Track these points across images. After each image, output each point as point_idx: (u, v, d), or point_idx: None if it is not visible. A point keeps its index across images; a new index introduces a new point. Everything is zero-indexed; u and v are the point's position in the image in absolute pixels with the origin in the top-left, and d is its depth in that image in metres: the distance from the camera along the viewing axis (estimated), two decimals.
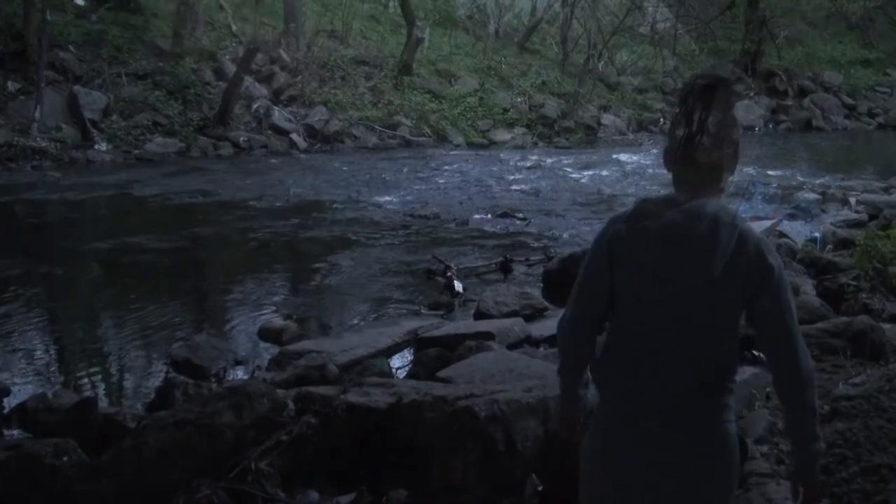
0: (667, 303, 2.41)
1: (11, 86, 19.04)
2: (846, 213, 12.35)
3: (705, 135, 2.40)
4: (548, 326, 7.12)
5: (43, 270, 9.70)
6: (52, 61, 19.63)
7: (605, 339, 2.59)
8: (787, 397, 2.44)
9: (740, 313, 2.42)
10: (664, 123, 26.74)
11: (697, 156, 2.42)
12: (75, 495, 4.27)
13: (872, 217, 11.67)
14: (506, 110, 24.89)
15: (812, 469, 2.44)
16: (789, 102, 29.81)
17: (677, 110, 2.48)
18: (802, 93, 30.46)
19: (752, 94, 29.83)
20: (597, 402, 2.60)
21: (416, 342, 6.90)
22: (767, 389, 5.09)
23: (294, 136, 21.05)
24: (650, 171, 17.87)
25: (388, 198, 14.40)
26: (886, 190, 14.25)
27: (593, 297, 2.57)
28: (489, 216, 12.75)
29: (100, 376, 6.63)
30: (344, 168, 18.11)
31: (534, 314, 7.58)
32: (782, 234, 10.25)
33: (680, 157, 2.47)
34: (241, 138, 20.28)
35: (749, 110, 28.68)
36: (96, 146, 18.39)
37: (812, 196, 14.07)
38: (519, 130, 24.13)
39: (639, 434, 2.43)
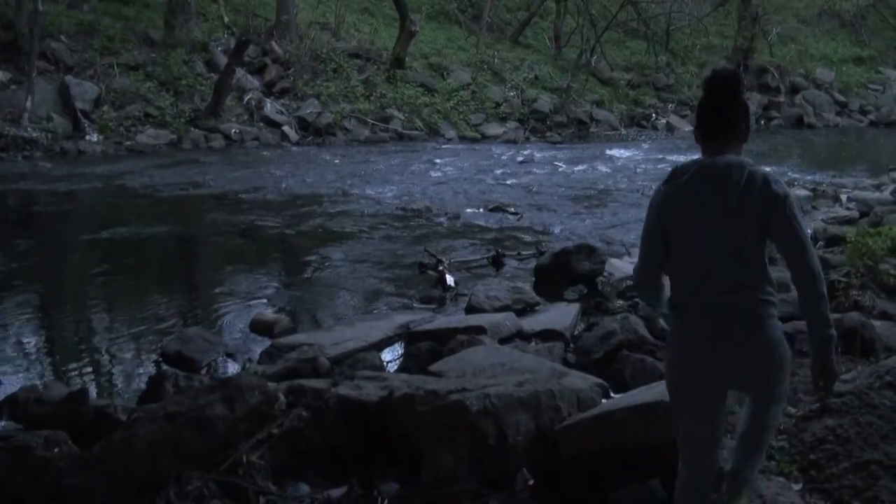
0: (704, 235, 3.07)
1: (2, 76, 19.02)
2: (837, 210, 12.38)
3: (724, 117, 3.17)
4: (539, 321, 7.13)
5: (33, 262, 9.67)
6: (44, 51, 19.59)
7: (671, 284, 3.26)
8: (802, 289, 3.08)
9: (760, 234, 3.04)
10: (656, 119, 26.79)
11: (718, 132, 3.16)
12: (66, 487, 4.26)
13: (863, 214, 11.69)
14: (498, 104, 24.89)
15: (827, 351, 3.05)
16: (781, 99, 29.85)
17: (703, 97, 3.24)
18: (794, 90, 30.50)
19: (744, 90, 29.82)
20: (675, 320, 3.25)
21: (408, 336, 6.89)
22: None
23: (286, 128, 21.02)
24: (642, 166, 17.89)
25: (379, 191, 14.38)
26: (877, 187, 14.28)
27: (653, 248, 3.22)
28: (481, 210, 12.75)
29: (91, 368, 6.61)
30: (336, 161, 18.08)
31: (525, 308, 7.57)
32: None
33: (706, 133, 3.18)
34: (233, 130, 20.24)
35: None
36: (87, 137, 18.35)
37: (803, 193, 14.09)
38: (511, 125, 24.12)
39: (707, 338, 3.10)
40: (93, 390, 5.99)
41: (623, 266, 8.80)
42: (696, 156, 3.18)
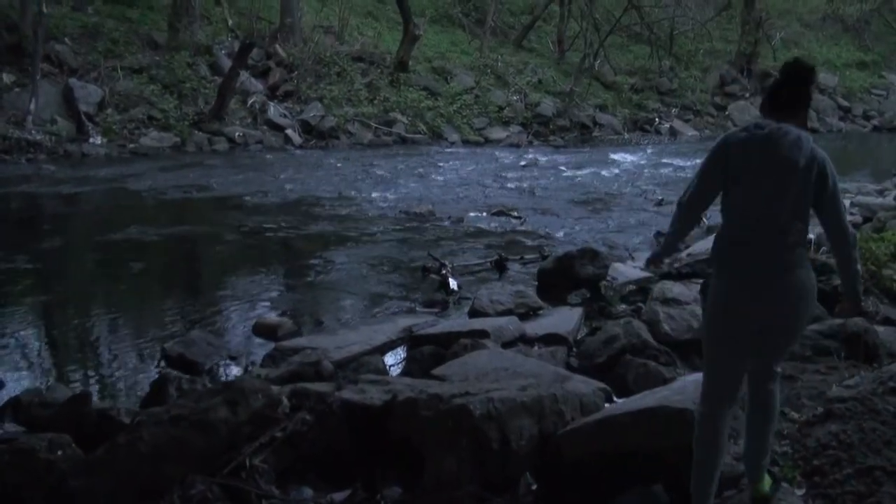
0: (769, 185, 3.45)
1: (7, 78, 19.02)
2: None
3: (797, 97, 3.59)
4: (542, 325, 7.13)
5: (37, 264, 9.68)
6: (48, 54, 19.61)
7: (721, 222, 3.64)
8: (837, 249, 3.61)
9: (808, 200, 3.48)
10: (660, 123, 26.78)
11: (788, 109, 3.57)
12: (70, 490, 4.26)
13: (867, 219, 11.67)
14: (501, 108, 24.89)
15: (856, 292, 3.65)
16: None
17: (779, 78, 3.65)
18: None
19: (747, 94, 29.86)
20: (716, 269, 3.63)
21: (411, 340, 6.89)
22: None
23: (289, 131, 21.04)
24: (645, 170, 17.89)
25: (383, 195, 14.39)
26: (881, 192, 14.26)
27: (708, 185, 3.64)
28: (484, 214, 12.75)
29: (94, 371, 6.62)
30: (339, 164, 18.09)
31: (528, 313, 7.57)
32: None
33: (778, 107, 3.58)
34: (237, 133, 20.27)
35: (744, 111, 28.69)
36: (91, 140, 18.38)
37: None
38: (515, 128, 24.14)
39: (750, 280, 3.48)
40: (96, 393, 5.99)
41: (626, 270, 8.80)
42: (698, 159, 3.30)
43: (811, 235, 10.45)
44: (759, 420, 3.69)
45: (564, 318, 7.32)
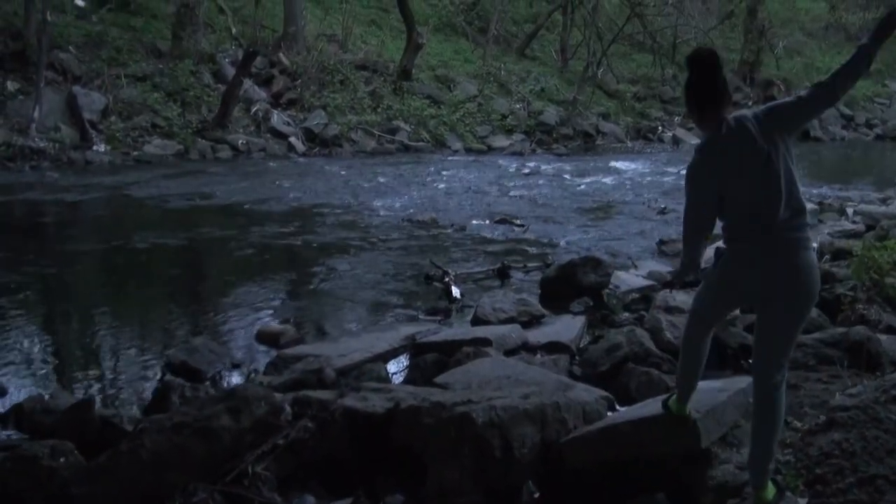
0: (751, 181, 3.60)
1: (11, 86, 19.06)
2: (843, 224, 12.36)
3: (717, 87, 3.68)
4: (545, 333, 7.13)
5: (40, 271, 9.70)
6: (52, 62, 19.65)
7: (723, 226, 3.78)
8: (834, 81, 3.85)
9: (790, 155, 3.66)
10: (662, 132, 26.81)
11: (715, 101, 3.67)
12: (72, 497, 4.27)
13: (869, 228, 11.67)
14: (504, 116, 24.91)
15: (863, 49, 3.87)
16: None
17: (694, 75, 3.72)
18: None
19: (750, 103, 29.87)
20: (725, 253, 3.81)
21: (414, 347, 6.88)
22: None
23: (293, 139, 21.07)
24: (648, 179, 17.89)
25: (386, 203, 14.40)
26: (884, 201, 14.27)
27: (708, 204, 3.73)
28: (487, 222, 12.76)
29: (97, 378, 6.62)
30: (342, 172, 18.11)
31: (531, 321, 7.57)
32: None
33: (697, 104, 3.71)
34: (240, 141, 20.30)
35: None
36: (95, 147, 18.41)
37: (809, 206, 14.01)
38: (517, 137, 24.15)
39: (756, 261, 3.67)
40: (99, 400, 5.99)
41: (629, 279, 8.80)
42: None
43: (814, 244, 10.47)
44: (764, 424, 3.77)
45: (567, 327, 7.32)
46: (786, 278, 3.62)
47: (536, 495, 4.43)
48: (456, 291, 8.59)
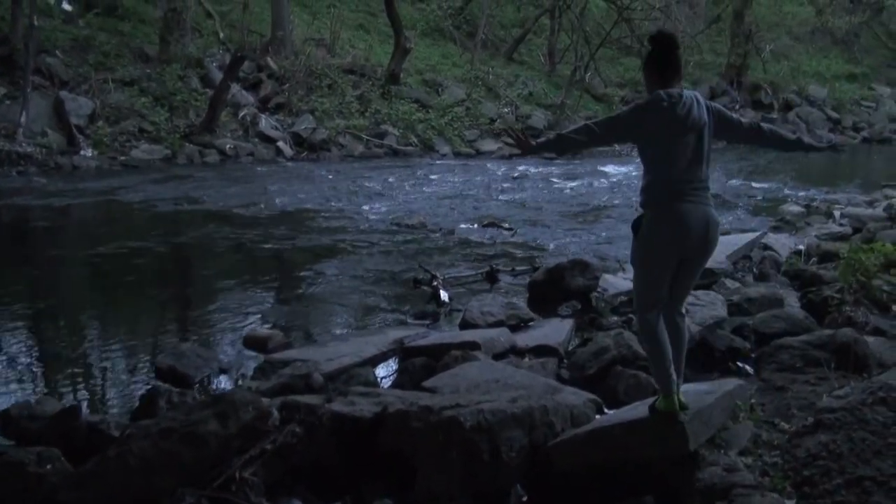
0: (686, 145, 4.17)
1: None
2: (830, 227, 12.41)
3: (677, 62, 4.30)
4: (533, 336, 7.12)
5: (27, 277, 9.66)
6: (39, 66, 19.59)
7: (653, 183, 4.24)
8: (763, 134, 4.55)
9: (712, 140, 4.26)
10: None
11: (675, 73, 4.27)
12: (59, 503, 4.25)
13: (856, 230, 11.72)
14: (493, 120, 24.95)
15: (804, 142, 4.82)
16: (774, 115, 29.99)
17: (659, 50, 4.30)
18: (788, 106, 30.66)
19: (737, 106, 29.98)
20: (654, 211, 4.23)
21: (402, 351, 6.87)
22: (752, 401, 5.12)
23: (281, 143, 21.05)
24: (636, 182, 17.86)
25: (374, 206, 14.40)
26: (870, 203, 14.32)
27: (623, 131, 4.35)
28: (475, 226, 12.76)
29: (83, 384, 6.59)
30: (330, 176, 18.10)
31: (519, 324, 7.56)
32: (767, 247, 10.30)
33: (668, 75, 4.26)
34: (228, 146, 20.26)
35: None
36: (82, 152, 18.36)
37: (796, 209, 14.14)
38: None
39: (681, 220, 4.14)
40: (86, 406, 5.97)
41: (617, 281, 8.81)
42: None
43: (801, 246, 10.52)
44: (675, 343, 4.35)
45: (555, 330, 7.31)
46: (705, 229, 4.18)
47: (524, 499, 4.43)
48: (444, 295, 8.58)
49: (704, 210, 4.18)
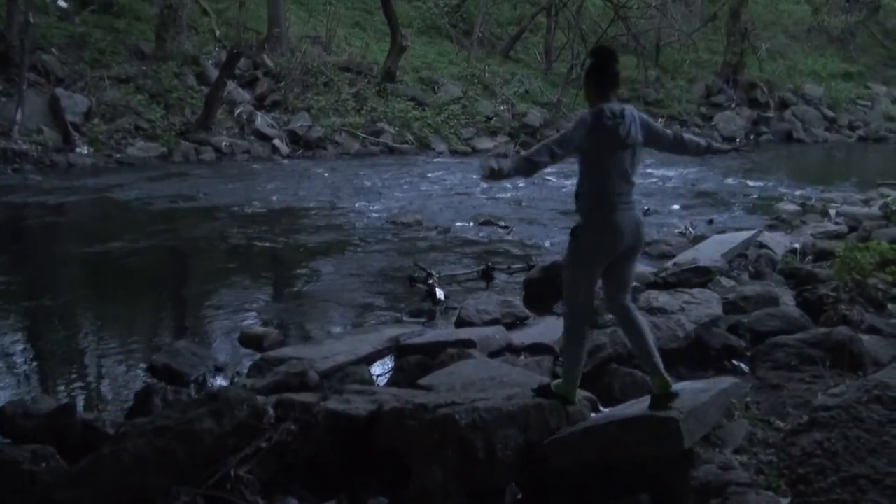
0: (619, 157, 4.51)
1: None
2: (826, 225, 12.42)
3: (616, 76, 4.62)
4: (529, 335, 7.12)
5: (22, 274, 9.64)
6: (35, 63, 19.54)
7: (590, 193, 4.57)
8: (685, 144, 4.95)
9: (642, 152, 4.63)
10: None
11: (613, 87, 4.60)
12: (54, 502, 4.24)
13: (852, 229, 11.73)
14: (489, 118, 24.94)
15: (713, 147, 5.17)
16: (770, 114, 30.03)
17: (599, 64, 4.61)
18: (783, 105, 30.68)
19: (733, 105, 30.01)
20: (591, 217, 4.59)
21: (398, 350, 6.86)
22: (747, 399, 5.13)
23: (277, 141, 21.03)
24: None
25: (370, 205, 14.39)
26: (866, 202, 14.34)
27: (569, 149, 4.50)
28: (471, 224, 12.75)
29: (78, 382, 6.58)
30: (326, 174, 18.09)
31: (515, 322, 7.56)
32: (762, 245, 10.30)
33: (606, 88, 4.57)
34: (224, 143, 20.24)
35: (730, 121, 28.86)
36: (77, 149, 18.32)
37: (792, 207, 14.16)
38: (502, 139, 24.17)
39: (614, 226, 4.50)
40: (81, 404, 5.97)
41: None
42: (685, 169, 3.37)
43: (797, 245, 10.53)
44: (635, 336, 4.67)
45: (551, 328, 7.29)
46: (636, 230, 4.58)
47: (520, 496, 4.43)
48: (440, 293, 8.58)
49: (633, 215, 4.57)
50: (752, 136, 28.45)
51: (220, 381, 6.50)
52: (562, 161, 4.58)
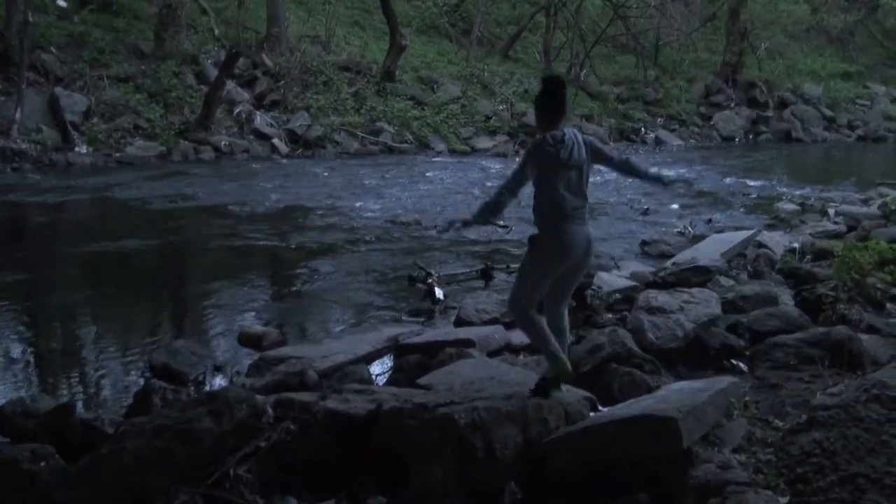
0: (569, 178, 4.90)
1: None
2: (825, 225, 12.42)
3: (565, 104, 5.01)
4: None
5: (21, 274, 9.63)
6: (34, 63, 19.55)
7: (543, 207, 4.98)
8: (629, 167, 5.37)
9: (590, 171, 5.04)
10: (645, 133, 26.91)
11: (562, 114, 4.97)
12: (53, 502, 4.24)
13: (851, 228, 11.74)
14: (488, 118, 24.94)
15: (655, 175, 5.70)
16: (769, 114, 30.03)
17: (550, 93, 5.00)
18: (783, 104, 30.69)
19: (732, 104, 30.00)
20: (549, 232, 4.96)
21: (397, 349, 6.87)
22: (746, 399, 5.13)
23: (276, 140, 21.03)
24: (630, 180, 17.87)
25: (369, 204, 14.39)
26: (865, 202, 14.34)
27: (523, 181, 4.92)
28: None
29: (78, 381, 6.58)
30: (325, 174, 18.09)
31: (514, 322, 7.55)
32: (761, 245, 10.31)
33: (556, 116, 4.95)
34: (223, 142, 20.24)
35: (729, 121, 28.87)
36: (76, 149, 18.33)
37: (791, 207, 14.16)
38: (501, 138, 24.16)
39: (569, 238, 4.89)
40: (80, 403, 5.96)
41: (612, 279, 8.80)
42: (682, 169, 3.37)
43: (795, 244, 10.54)
44: (562, 336, 5.17)
45: None
46: (587, 246, 4.96)
47: (518, 496, 4.42)
48: (439, 293, 8.59)
49: (584, 229, 4.95)
50: (751, 136, 28.48)
51: (220, 381, 6.50)
52: (519, 191, 4.99)
